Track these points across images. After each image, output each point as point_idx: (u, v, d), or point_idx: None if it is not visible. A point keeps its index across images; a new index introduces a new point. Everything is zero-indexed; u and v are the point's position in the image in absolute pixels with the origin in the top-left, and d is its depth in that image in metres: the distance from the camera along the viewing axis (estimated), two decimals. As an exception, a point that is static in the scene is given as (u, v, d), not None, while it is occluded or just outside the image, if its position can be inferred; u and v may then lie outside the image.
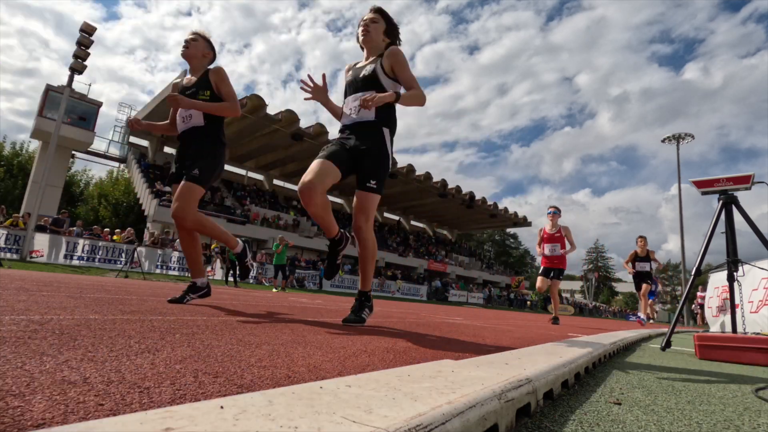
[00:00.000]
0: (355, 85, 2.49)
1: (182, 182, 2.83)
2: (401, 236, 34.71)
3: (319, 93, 2.62)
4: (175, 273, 15.69)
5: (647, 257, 8.05)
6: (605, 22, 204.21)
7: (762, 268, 4.40)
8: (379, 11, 2.55)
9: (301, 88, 2.62)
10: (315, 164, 2.33)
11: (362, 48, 2.61)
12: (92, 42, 12.79)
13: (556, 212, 6.61)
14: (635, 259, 8.10)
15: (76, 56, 12.62)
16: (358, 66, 2.58)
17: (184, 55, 2.99)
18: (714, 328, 6.65)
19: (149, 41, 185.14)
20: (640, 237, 8.11)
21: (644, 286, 8.00)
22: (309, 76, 2.58)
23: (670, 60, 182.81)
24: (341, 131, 2.55)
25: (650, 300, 9.06)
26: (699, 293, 15.18)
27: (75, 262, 13.44)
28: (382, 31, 2.55)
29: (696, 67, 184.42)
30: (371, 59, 2.52)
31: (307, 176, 2.27)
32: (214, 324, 1.94)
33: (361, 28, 2.55)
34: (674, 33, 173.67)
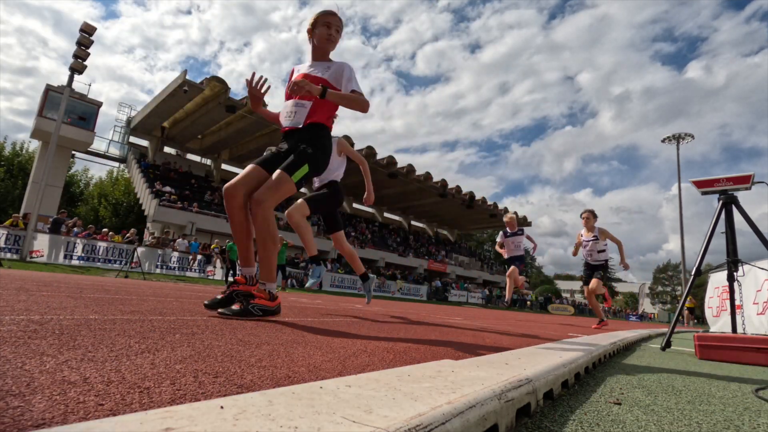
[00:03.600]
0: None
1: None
2: (401, 236, 34.69)
3: None
4: (175, 273, 15.69)
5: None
6: (608, 20, 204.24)
7: (762, 268, 4.40)
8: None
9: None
10: None
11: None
12: (92, 42, 12.79)
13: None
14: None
15: (76, 56, 12.61)
16: None
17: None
18: (714, 328, 6.65)
19: (148, 40, 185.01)
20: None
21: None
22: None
23: (673, 59, 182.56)
24: None
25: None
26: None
27: (75, 262, 13.44)
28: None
29: (699, 66, 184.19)
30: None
31: None
32: (214, 324, 1.94)
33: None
34: (677, 31, 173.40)
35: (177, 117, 22.74)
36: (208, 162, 28.06)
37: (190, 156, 27.30)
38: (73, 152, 23.87)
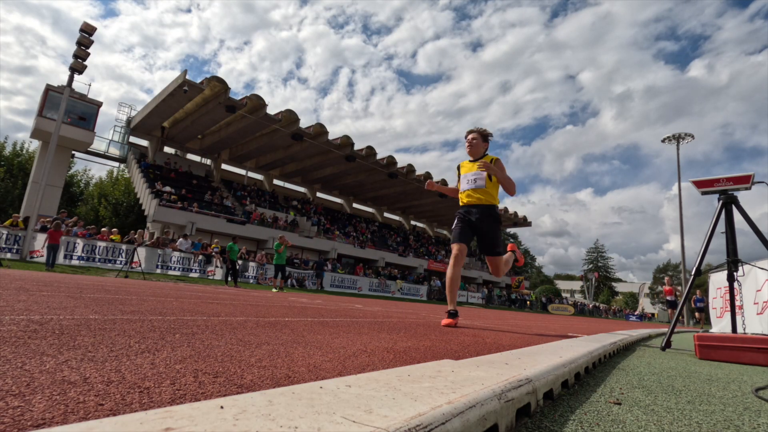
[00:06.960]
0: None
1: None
2: (401, 236, 34.69)
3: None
4: (176, 273, 15.68)
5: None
6: (611, 18, 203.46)
7: (762, 268, 4.40)
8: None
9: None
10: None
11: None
12: (92, 42, 12.78)
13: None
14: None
15: (76, 56, 12.61)
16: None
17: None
18: (716, 329, 6.65)
19: (148, 38, 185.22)
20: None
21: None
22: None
23: (676, 57, 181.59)
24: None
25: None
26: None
27: (75, 262, 13.43)
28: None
29: (701, 65, 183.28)
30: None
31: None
32: (214, 324, 1.94)
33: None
34: (681, 29, 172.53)
35: (177, 117, 22.75)
36: (208, 162, 28.05)
37: (190, 156, 27.31)
38: (73, 152, 23.83)
